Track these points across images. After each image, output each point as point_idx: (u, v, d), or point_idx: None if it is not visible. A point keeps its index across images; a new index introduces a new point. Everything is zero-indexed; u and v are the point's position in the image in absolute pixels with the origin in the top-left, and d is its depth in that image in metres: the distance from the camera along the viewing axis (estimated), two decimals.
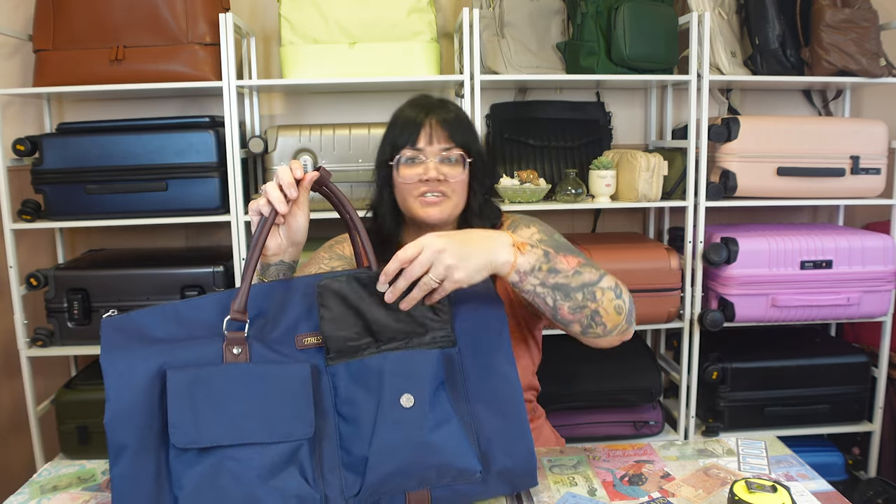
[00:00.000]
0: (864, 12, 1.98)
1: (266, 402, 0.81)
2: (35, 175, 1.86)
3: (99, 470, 1.05)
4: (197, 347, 0.83)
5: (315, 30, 1.88)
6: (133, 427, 0.79)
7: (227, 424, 0.79)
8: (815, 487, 0.98)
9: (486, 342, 0.93)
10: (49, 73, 1.86)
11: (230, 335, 0.84)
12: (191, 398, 0.79)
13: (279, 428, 0.80)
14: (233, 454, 0.79)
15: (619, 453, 1.09)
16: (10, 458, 2.27)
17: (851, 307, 2.00)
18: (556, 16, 2.05)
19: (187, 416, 0.79)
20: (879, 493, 2.03)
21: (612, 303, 1.01)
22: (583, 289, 0.99)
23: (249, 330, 0.86)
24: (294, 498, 0.80)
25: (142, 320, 0.85)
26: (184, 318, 0.86)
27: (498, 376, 0.92)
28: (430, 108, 1.20)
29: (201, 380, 0.80)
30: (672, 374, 2.19)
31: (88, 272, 1.90)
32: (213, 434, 0.79)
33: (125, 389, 0.80)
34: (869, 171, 2.04)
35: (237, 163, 1.87)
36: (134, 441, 0.79)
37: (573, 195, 1.96)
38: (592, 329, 1.01)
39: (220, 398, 0.80)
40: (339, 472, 0.84)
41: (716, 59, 2.01)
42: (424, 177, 1.16)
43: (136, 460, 0.79)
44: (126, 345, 0.82)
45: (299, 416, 0.81)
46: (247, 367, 0.82)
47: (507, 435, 0.90)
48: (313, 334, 0.88)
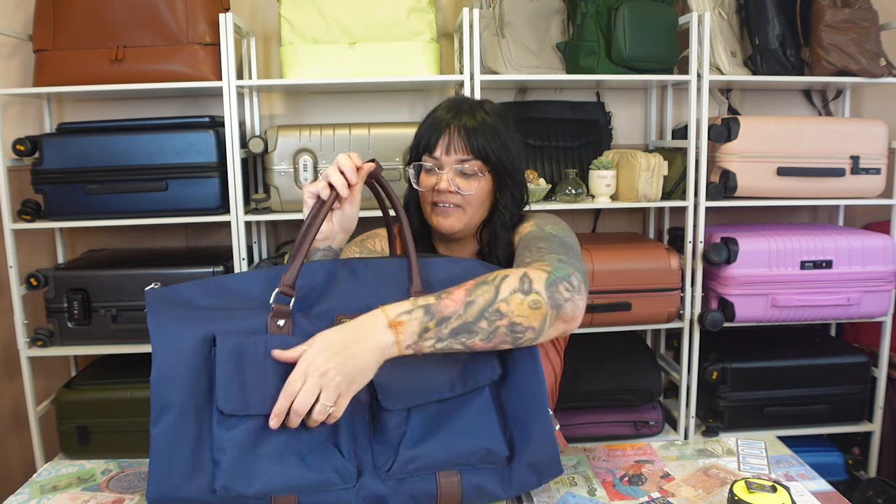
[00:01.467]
0: (864, 12, 1.98)
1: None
2: (35, 175, 1.86)
3: (99, 470, 1.05)
4: (242, 317, 0.85)
5: (315, 30, 1.88)
6: (177, 387, 0.81)
7: (271, 394, 0.81)
8: (815, 487, 0.98)
9: None
10: (49, 73, 1.86)
11: (276, 307, 0.86)
12: (238, 365, 0.81)
13: None
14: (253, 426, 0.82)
15: (619, 453, 1.09)
16: (10, 458, 2.27)
17: (851, 307, 2.00)
18: (556, 16, 2.05)
19: (234, 383, 0.81)
20: (879, 493, 2.03)
21: (522, 304, 0.90)
22: (483, 316, 0.89)
23: (294, 304, 0.88)
24: (331, 469, 0.83)
25: (185, 291, 0.87)
26: (227, 290, 0.89)
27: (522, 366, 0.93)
28: (458, 111, 1.16)
29: (248, 348, 0.82)
30: (672, 374, 2.19)
31: (88, 272, 1.90)
32: (258, 403, 0.81)
33: (172, 350, 0.81)
34: (869, 171, 2.04)
35: (237, 163, 1.87)
36: (178, 400, 0.80)
37: (573, 195, 1.96)
38: (521, 338, 0.91)
39: (265, 367, 0.82)
40: (371, 447, 0.87)
41: (716, 59, 2.01)
42: (437, 187, 1.15)
43: (178, 420, 0.80)
44: (172, 311, 0.84)
45: None
46: (291, 340, 0.84)
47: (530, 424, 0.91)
48: (352, 315, 0.88)
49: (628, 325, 2.03)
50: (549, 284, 0.93)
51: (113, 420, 1.93)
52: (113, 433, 1.93)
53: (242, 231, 1.91)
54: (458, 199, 1.15)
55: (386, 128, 1.96)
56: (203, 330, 0.83)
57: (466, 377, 0.90)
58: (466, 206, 1.15)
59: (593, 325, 1.99)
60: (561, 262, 0.98)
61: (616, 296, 1.94)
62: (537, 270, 0.95)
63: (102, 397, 1.93)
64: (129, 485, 1.00)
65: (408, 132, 1.94)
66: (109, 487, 1.00)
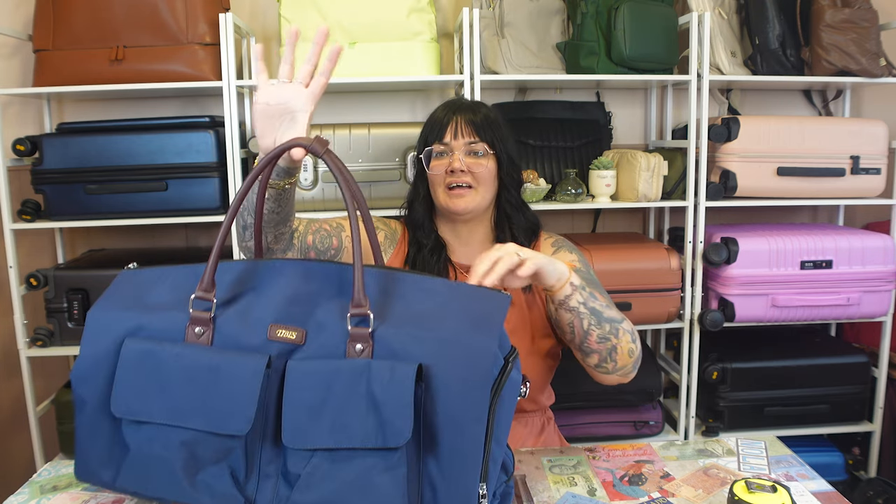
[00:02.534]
0: (864, 12, 1.98)
1: (210, 389, 0.77)
2: (35, 175, 1.86)
3: None
4: (169, 318, 0.82)
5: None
6: (93, 385, 0.82)
7: (164, 403, 0.78)
8: (815, 487, 0.98)
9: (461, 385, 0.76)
10: (49, 73, 1.86)
11: (194, 314, 0.82)
12: (138, 370, 0.79)
13: (216, 418, 0.77)
14: (165, 436, 0.79)
15: (619, 453, 1.09)
16: (10, 458, 2.27)
17: (851, 307, 2.00)
18: (556, 16, 2.05)
19: (129, 387, 0.79)
20: (879, 493, 2.03)
21: (627, 345, 1.10)
22: (611, 322, 1.08)
23: (225, 308, 0.83)
24: (217, 496, 0.78)
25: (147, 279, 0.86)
26: (178, 285, 0.85)
27: (461, 432, 0.76)
28: (459, 108, 1.28)
29: (153, 354, 0.80)
30: (672, 374, 2.19)
31: (88, 272, 1.90)
32: (150, 410, 0.79)
33: (93, 348, 0.83)
34: (869, 171, 2.04)
35: (237, 163, 1.88)
36: (93, 398, 0.82)
37: (573, 195, 1.96)
38: (606, 364, 1.10)
39: (165, 376, 0.79)
40: (277, 480, 0.79)
41: (716, 59, 2.01)
42: (450, 168, 1.23)
43: (93, 415, 0.82)
44: (112, 304, 0.85)
45: (239, 411, 0.76)
46: (199, 351, 0.79)
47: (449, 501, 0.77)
48: (289, 328, 0.80)
49: None
50: (640, 353, 1.13)
51: None
52: None
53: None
54: (469, 179, 1.24)
55: (386, 128, 1.96)
56: (125, 328, 0.82)
57: (383, 429, 0.74)
58: (477, 185, 1.24)
59: None
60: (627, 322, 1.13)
61: (616, 296, 1.94)
62: (637, 333, 1.13)
63: None
64: None
65: (408, 132, 1.94)
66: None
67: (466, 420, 0.75)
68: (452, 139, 1.25)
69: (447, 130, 1.25)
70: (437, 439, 0.76)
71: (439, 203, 1.27)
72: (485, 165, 1.24)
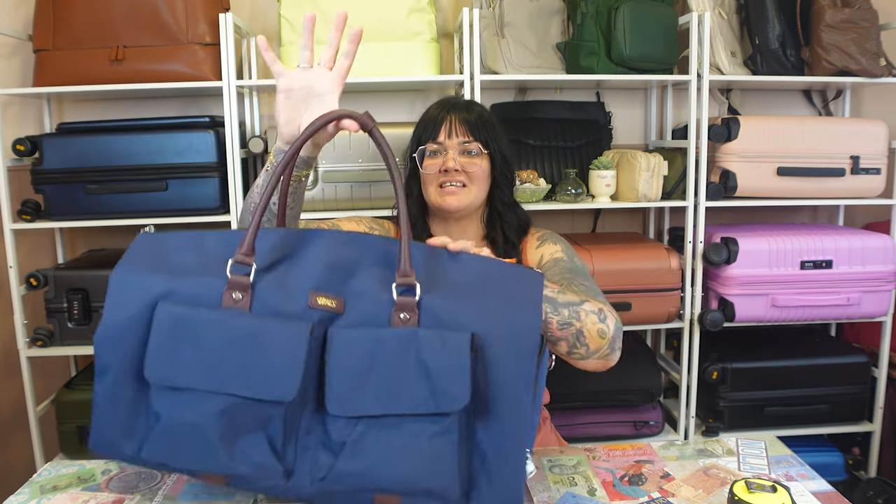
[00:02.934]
0: (864, 12, 1.98)
1: (253, 354, 0.75)
2: (35, 175, 1.86)
3: (99, 470, 1.05)
4: (204, 282, 0.79)
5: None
6: (120, 350, 0.78)
7: (203, 369, 0.75)
8: (815, 487, 0.98)
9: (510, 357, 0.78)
10: (49, 73, 1.86)
11: (233, 278, 0.79)
12: (174, 335, 0.76)
13: (259, 384, 0.74)
14: (203, 403, 0.75)
15: (619, 453, 1.09)
16: (10, 458, 2.27)
17: (851, 307, 2.00)
18: (556, 16, 2.05)
19: (166, 352, 0.76)
20: (879, 493, 2.03)
21: (595, 326, 1.05)
22: (568, 306, 1.04)
23: (264, 274, 0.80)
24: (254, 465, 0.76)
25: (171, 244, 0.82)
26: (208, 251, 0.82)
27: (509, 401, 0.78)
28: (453, 107, 1.28)
29: (190, 319, 0.76)
30: (672, 374, 2.19)
31: (88, 272, 1.90)
32: (188, 376, 0.75)
33: (120, 311, 0.78)
34: (869, 171, 2.04)
35: (237, 163, 1.87)
36: (117, 363, 0.78)
37: (573, 195, 1.96)
38: (577, 349, 1.06)
39: (204, 341, 0.75)
40: (314, 450, 0.77)
41: (716, 59, 2.01)
42: (444, 167, 1.23)
43: (115, 382, 0.78)
44: (138, 266, 0.80)
45: (284, 376, 0.75)
46: (239, 317, 0.77)
47: (498, 470, 0.78)
48: (329, 296, 0.79)
49: (628, 325, 2.03)
50: (616, 330, 1.07)
51: None
52: None
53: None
54: (463, 178, 1.24)
55: (386, 128, 1.95)
56: (157, 291, 0.78)
57: (434, 396, 0.75)
58: (471, 183, 1.24)
59: None
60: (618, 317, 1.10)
61: (616, 296, 1.94)
62: (610, 312, 1.08)
63: None
64: (129, 485, 1.00)
65: (408, 132, 1.91)
66: (109, 487, 1.00)
67: (518, 389, 0.77)
68: (447, 138, 1.25)
69: (441, 129, 1.25)
70: (488, 407, 0.77)
71: (431, 201, 1.27)
72: (479, 165, 1.24)
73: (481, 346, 0.77)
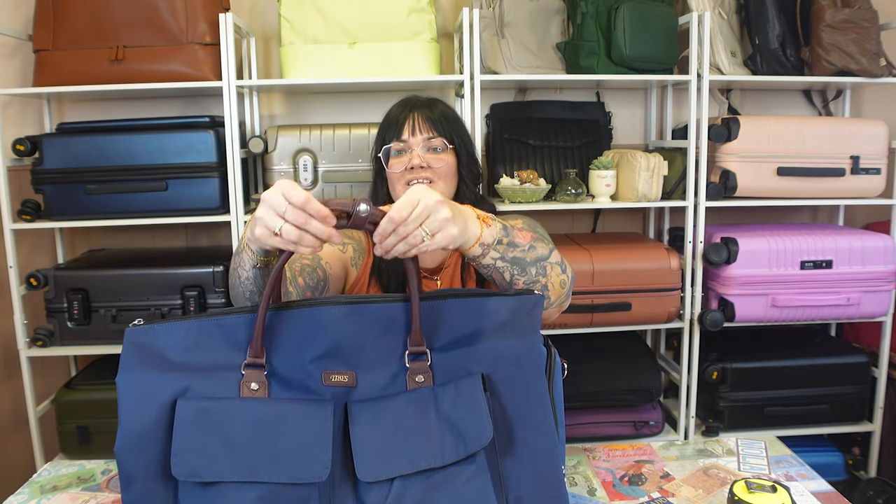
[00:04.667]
0: (864, 12, 1.98)
1: (280, 439, 0.75)
2: (35, 175, 1.86)
3: (99, 470, 1.05)
4: (216, 378, 0.79)
5: (315, 30, 1.88)
6: (143, 456, 0.76)
7: (233, 460, 0.74)
8: (815, 487, 0.98)
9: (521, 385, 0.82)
10: (49, 73, 1.86)
11: (248, 373, 0.79)
12: (198, 429, 0.75)
13: (291, 468, 0.74)
14: (236, 495, 0.74)
15: (619, 453, 1.09)
16: (10, 458, 2.27)
17: (851, 307, 1.99)
18: (556, 16, 2.05)
19: (192, 448, 0.74)
20: (879, 493, 2.03)
21: (558, 277, 1.04)
22: (536, 263, 1.01)
23: (272, 360, 0.80)
24: None
25: (164, 337, 0.79)
26: (207, 339, 0.80)
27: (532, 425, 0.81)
28: (415, 105, 1.27)
29: (212, 412, 0.76)
30: (672, 374, 2.19)
31: (88, 272, 1.90)
32: (217, 469, 0.74)
33: (138, 416, 0.77)
34: (869, 171, 2.04)
35: (237, 163, 1.87)
36: (142, 471, 0.76)
37: (573, 195, 1.96)
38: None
39: (229, 432, 0.75)
40: None
41: (716, 59, 2.01)
42: (409, 165, 1.22)
43: (144, 491, 0.76)
44: (144, 367, 0.78)
45: (314, 457, 0.75)
46: (263, 402, 0.77)
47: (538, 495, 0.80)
48: (342, 373, 0.81)
49: (628, 325, 2.03)
50: (572, 279, 1.07)
51: (113, 420, 1.90)
52: (113, 433, 1.88)
53: (242, 231, 1.90)
54: (429, 174, 1.23)
55: None
56: (172, 391, 0.77)
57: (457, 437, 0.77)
58: (437, 179, 1.23)
59: (593, 325, 1.99)
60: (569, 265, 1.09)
61: (616, 296, 1.94)
62: (567, 262, 1.06)
63: (102, 397, 1.93)
64: None
65: None
66: (109, 487, 1.00)
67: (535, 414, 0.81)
68: (410, 136, 1.24)
69: (405, 127, 1.25)
70: (513, 436, 0.80)
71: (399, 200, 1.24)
72: (444, 160, 1.24)
73: (491, 383, 0.81)
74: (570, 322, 1.97)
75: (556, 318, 1.91)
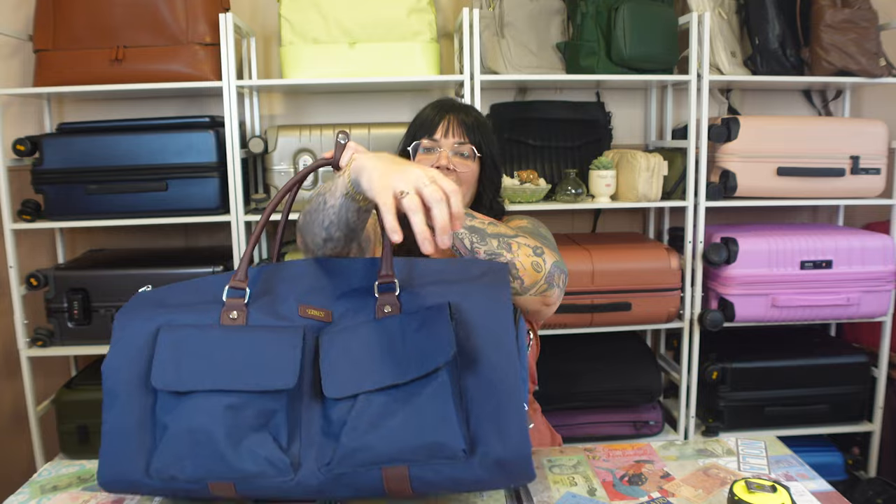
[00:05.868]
0: (864, 12, 1.98)
1: (252, 356, 0.82)
2: (35, 175, 1.86)
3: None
4: (199, 311, 0.87)
5: (315, 30, 1.88)
6: (126, 375, 0.84)
7: (206, 372, 0.81)
8: (814, 487, 0.98)
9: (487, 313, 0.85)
10: (49, 73, 1.86)
11: (229, 301, 0.87)
12: (177, 347, 0.82)
13: (259, 378, 0.80)
14: (209, 403, 0.79)
15: (619, 453, 1.09)
16: (10, 458, 2.27)
17: (851, 307, 2.00)
18: (556, 16, 2.05)
19: (170, 362, 0.82)
20: (879, 493, 2.03)
21: (528, 258, 1.04)
22: (498, 237, 1.05)
23: (257, 298, 0.88)
24: (262, 461, 0.79)
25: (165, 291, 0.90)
26: (199, 289, 0.90)
27: (495, 345, 0.82)
28: (451, 108, 1.29)
29: (192, 335, 0.83)
30: (672, 374, 2.19)
31: (88, 272, 1.90)
32: (192, 380, 0.80)
33: (124, 343, 0.85)
34: (869, 171, 2.04)
35: (237, 163, 1.88)
36: (125, 386, 0.84)
37: (573, 195, 1.96)
38: (511, 283, 1.01)
39: (205, 351, 0.82)
40: (319, 440, 0.81)
41: (716, 59, 2.01)
42: (436, 164, 1.23)
43: (123, 408, 0.83)
44: (139, 310, 0.88)
45: (283, 369, 0.81)
46: (238, 329, 0.84)
47: (499, 416, 0.80)
48: (318, 308, 0.87)
49: (628, 325, 2.03)
50: (554, 265, 1.06)
51: None
52: None
53: (242, 231, 1.91)
54: (453, 177, 1.23)
55: (386, 128, 1.96)
56: (156, 323, 0.85)
57: (421, 358, 0.79)
58: (460, 184, 1.23)
59: (593, 325, 1.99)
60: (562, 261, 1.10)
61: (616, 296, 1.94)
62: (549, 251, 1.07)
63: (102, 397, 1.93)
64: None
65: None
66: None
67: (500, 333, 0.83)
68: (442, 137, 1.26)
69: (438, 128, 1.26)
70: (475, 357, 0.82)
71: None
72: (470, 167, 1.25)
73: (459, 311, 0.84)
74: (570, 322, 1.97)
75: (555, 318, 1.92)
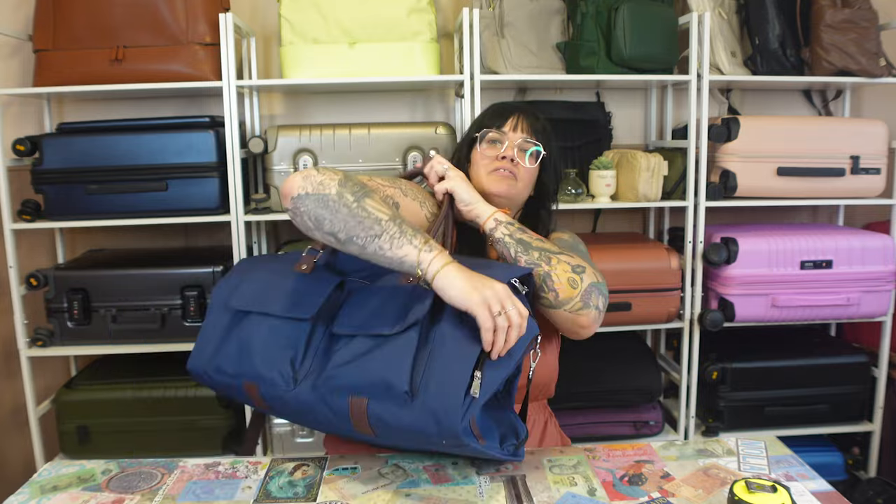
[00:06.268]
0: (864, 12, 1.98)
1: (295, 293, 1.05)
2: (35, 175, 1.86)
3: (99, 470, 1.05)
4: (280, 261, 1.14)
5: (315, 30, 1.88)
6: (220, 296, 1.12)
7: (261, 299, 1.06)
8: (815, 487, 0.98)
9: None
10: (49, 73, 1.86)
11: (305, 256, 1.09)
12: (252, 283, 1.10)
13: (290, 307, 1.03)
14: (258, 326, 1.04)
15: (619, 453, 1.09)
16: (10, 458, 2.27)
17: (851, 307, 2.00)
18: (556, 16, 2.05)
19: (243, 291, 1.09)
20: (879, 493, 2.03)
21: (566, 273, 1.11)
22: (540, 250, 1.12)
23: (325, 260, 1.10)
24: (276, 371, 1.01)
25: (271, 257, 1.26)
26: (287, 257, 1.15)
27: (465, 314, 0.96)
28: (521, 109, 1.33)
29: (261, 276, 1.11)
30: (672, 374, 2.19)
31: (88, 272, 1.90)
32: (252, 303, 1.07)
33: (227, 280, 1.15)
34: (869, 171, 2.04)
35: (237, 163, 1.87)
36: (216, 303, 1.12)
37: (573, 195, 1.96)
38: (545, 293, 1.11)
39: (269, 285, 1.08)
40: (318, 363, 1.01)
41: (716, 59, 2.01)
42: (501, 155, 1.26)
43: (214, 315, 1.11)
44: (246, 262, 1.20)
45: (310, 303, 1.02)
46: (298, 274, 1.07)
47: (441, 368, 0.94)
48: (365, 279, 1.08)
49: (628, 325, 2.03)
50: (593, 285, 1.12)
51: (113, 420, 1.93)
52: (113, 433, 1.93)
53: (242, 231, 1.91)
54: (515, 170, 1.27)
55: (386, 128, 1.96)
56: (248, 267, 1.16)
57: (403, 315, 0.97)
58: (520, 179, 1.27)
59: None
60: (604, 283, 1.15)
61: (616, 296, 1.94)
62: (591, 270, 1.13)
63: (102, 397, 1.93)
64: (129, 485, 1.00)
65: (408, 132, 1.94)
66: (109, 487, 1.00)
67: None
68: (511, 130, 1.29)
69: (508, 121, 1.29)
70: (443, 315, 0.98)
71: (481, 185, 1.28)
72: (532, 163, 1.28)
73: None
74: None
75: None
